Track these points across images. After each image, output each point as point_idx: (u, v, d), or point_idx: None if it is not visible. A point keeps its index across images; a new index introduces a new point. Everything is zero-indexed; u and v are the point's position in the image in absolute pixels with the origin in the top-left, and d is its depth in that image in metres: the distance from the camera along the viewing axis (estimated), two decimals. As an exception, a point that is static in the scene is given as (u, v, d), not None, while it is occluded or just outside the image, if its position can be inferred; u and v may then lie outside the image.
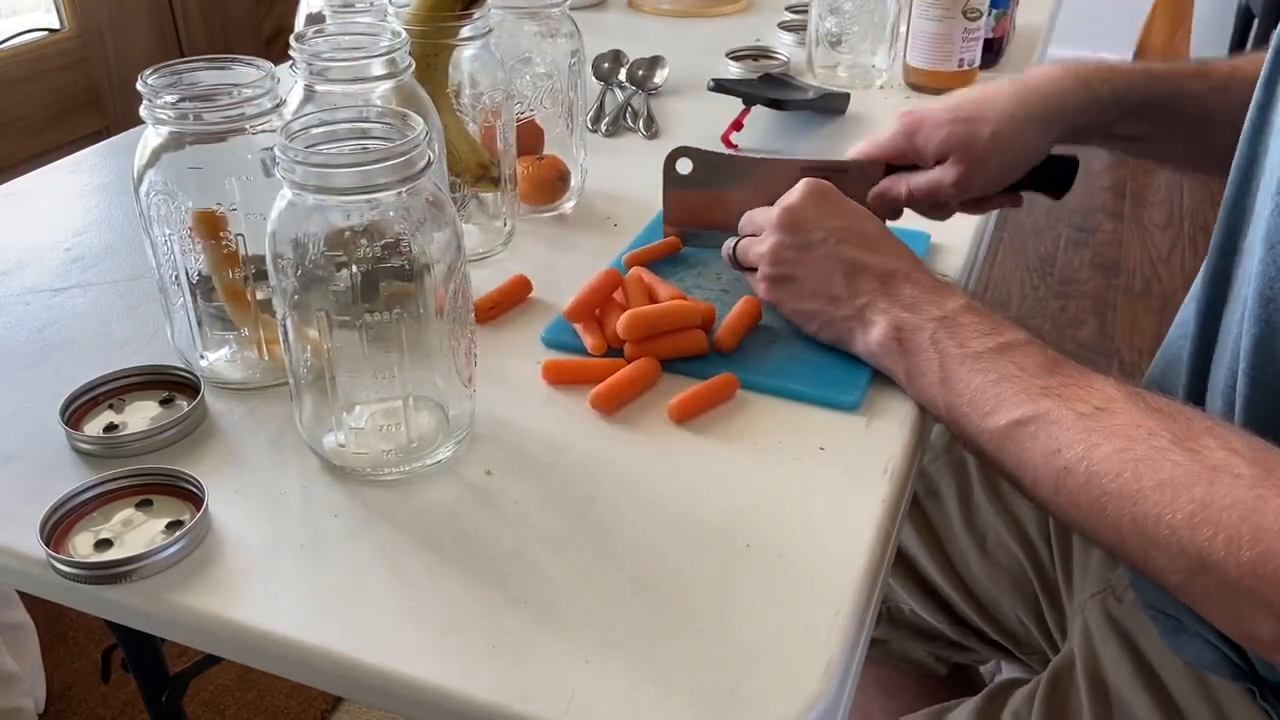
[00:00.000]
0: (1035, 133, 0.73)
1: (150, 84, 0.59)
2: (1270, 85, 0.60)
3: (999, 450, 0.56)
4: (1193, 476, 0.48)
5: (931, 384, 0.59)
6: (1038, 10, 1.40)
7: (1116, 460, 0.50)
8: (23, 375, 0.68)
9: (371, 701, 0.49)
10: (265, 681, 1.41)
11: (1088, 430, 0.52)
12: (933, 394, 0.60)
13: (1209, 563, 0.46)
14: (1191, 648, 0.66)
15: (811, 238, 0.66)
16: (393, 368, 0.56)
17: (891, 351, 0.62)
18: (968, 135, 0.72)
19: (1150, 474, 0.49)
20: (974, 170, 0.72)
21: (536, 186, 0.86)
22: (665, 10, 1.45)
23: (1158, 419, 0.51)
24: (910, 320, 0.61)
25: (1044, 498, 0.54)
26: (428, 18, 0.73)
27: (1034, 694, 0.73)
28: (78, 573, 0.52)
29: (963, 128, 0.72)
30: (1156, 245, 2.65)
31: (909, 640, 0.94)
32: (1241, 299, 0.59)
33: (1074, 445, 0.52)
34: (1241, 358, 0.57)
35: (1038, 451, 0.54)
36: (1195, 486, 0.47)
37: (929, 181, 0.73)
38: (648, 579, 0.52)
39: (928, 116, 0.73)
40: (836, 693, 0.47)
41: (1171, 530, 0.48)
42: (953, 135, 0.72)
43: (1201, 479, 0.48)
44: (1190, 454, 0.49)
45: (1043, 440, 0.53)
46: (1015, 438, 0.55)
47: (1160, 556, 0.49)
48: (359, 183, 0.51)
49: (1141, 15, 3.26)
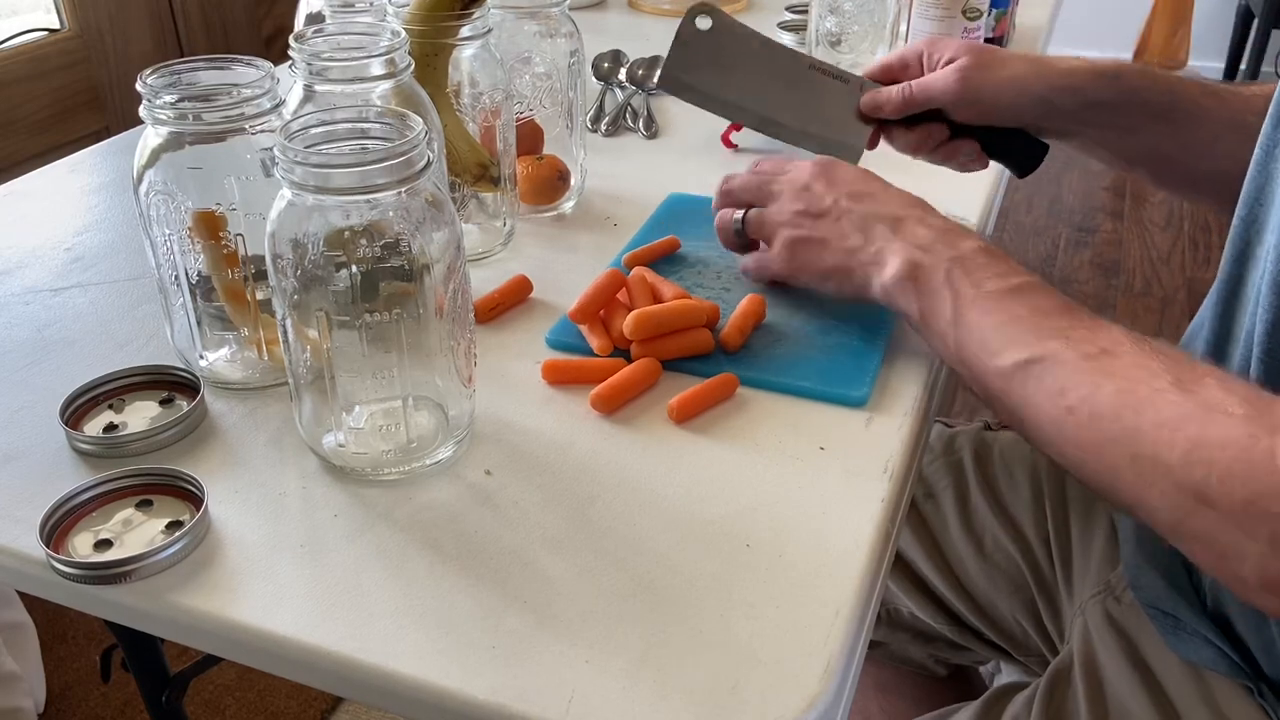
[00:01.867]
0: (1038, 76, 0.75)
1: (150, 84, 0.59)
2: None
3: (1005, 391, 0.56)
4: (1189, 416, 0.48)
5: (944, 323, 0.60)
6: (1038, 10, 1.40)
7: (1118, 401, 0.51)
8: (23, 375, 0.68)
9: (371, 701, 0.49)
10: (265, 681, 1.41)
11: (1092, 371, 0.53)
12: (944, 333, 0.60)
13: (1202, 500, 0.47)
14: (1190, 645, 0.66)
15: (824, 204, 0.68)
16: (392, 368, 0.56)
17: (907, 290, 0.62)
18: (987, 50, 0.76)
19: (1150, 414, 0.49)
20: (978, 71, 0.74)
21: (536, 186, 0.86)
22: (665, 10, 1.45)
23: (1162, 361, 0.51)
24: (925, 259, 0.62)
25: (1046, 438, 0.55)
26: (427, 17, 0.73)
27: (1033, 698, 0.73)
28: (78, 573, 0.52)
29: (980, 47, 0.76)
30: (1156, 245, 2.65)
31: (908, 642, 0.94)
32: (1255, 290, 0.59)
33: (1078, 386, 0.53)
34: (1256, 343, 0.57)
35: (1042, 392, 0.54)
36: (1191, 425, 0.48)
37: (927, 81, 0.76)
38: (648, 579, 0.52)
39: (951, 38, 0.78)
40: (836, 693, 0.47)
41: (1167, 470, 0.48)
42: (969, 45, 0.76)
43: (1196, 418, 0.48)
44: (1188, 394, 0.49)
45: (1048, 381, 0.54)
46: (1021, 377, 0.55)
47: (1155, 497, 0.49)
48: (358, 183, 0.51)
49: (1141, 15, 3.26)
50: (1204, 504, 0.47)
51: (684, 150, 1.02)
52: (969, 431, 0.92)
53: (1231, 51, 3.34)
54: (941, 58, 0.77)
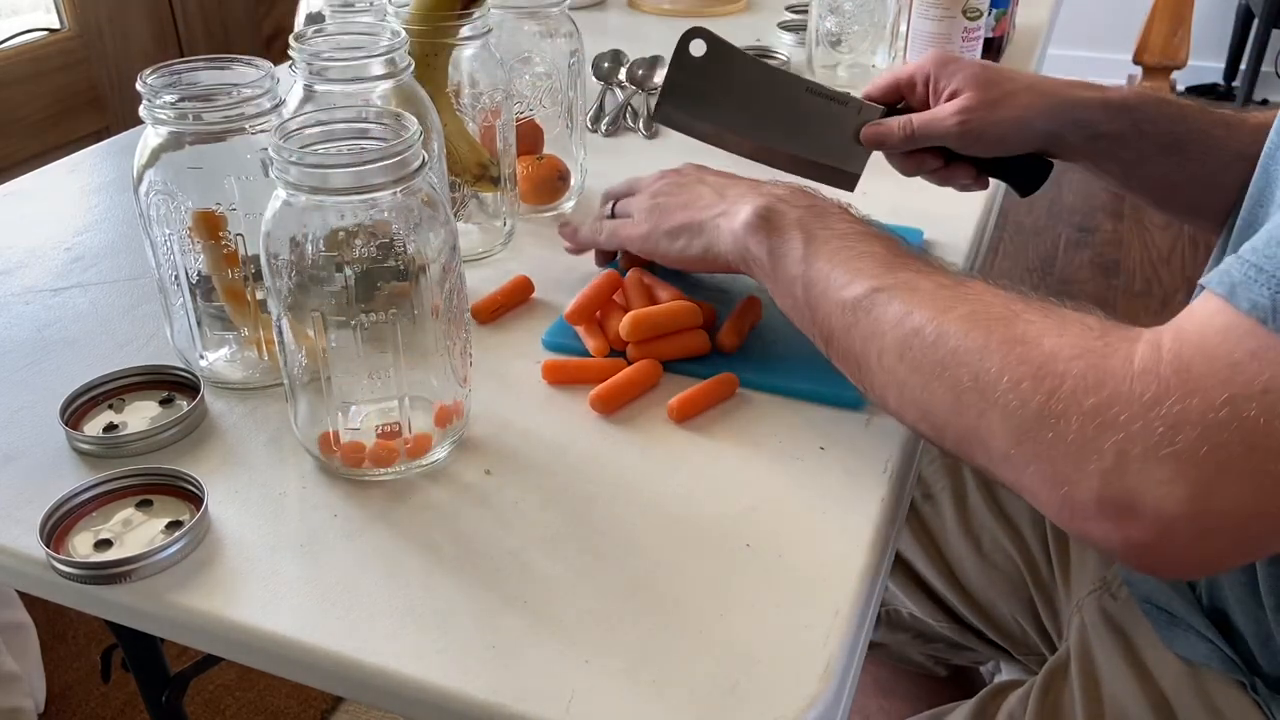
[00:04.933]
0: (1045, 110, 0.73)
1: (150, 84, 0.59)
2: None
3: (850, 324, 0.55)
4: (1044, 331, 0.47)
5: (794, 261, 0.59)
6: (1038, 10, 1.40)
7: (968, 320, 0.50)
8: (23, 375, 0.68)
9: (371, 701, 0.49)
10: (265, 681, 1.41)
11: (945, 296, 0.52)
12: (793, 272, 0.59)
13: (1049, 414, 0.45)
14: (1185, 641, 0.66)
15: (685, 178, 0.71)
16: (388, 368, 0.56)
17: (758, 232, 0.62)
18: (994, 80, 0.73)
19: (1002, 331, 0.48)
20: (982, 111, 0.72)
21: (536, 186, 0.86)
22: (665, 10, 1.45)
23: (1018, 292, 0.51)
24: (778, 205, 0.62)
25: (886, 369, 0.53)
26: (427, 17, 0.73)
27: (1028, 695, 0.73)
28: (78, 573, 0.52)
29: (993, 73, 0.74)
30: (1156, 245, 2.65)
31: (908, 642, 0.94)
32: None
33: (927, 307, 0.52)
34: None
35: (889, 317, 0.53)
36: (1046, 339, 0.47)
37: (931, 114, 0.74)
38: (647, 579, 0.52)
39: (962, 57, 0.75)
40: (836, 693, 0.47)
41: (1014, 384, 0.46)
42: (982, 73, 0.73)
43: (1052, 331, 0.47)
44: (1044, 313, 0.48)
45: (896, 305, 0.53)
46: (868, 306, 0.54)
47: (996, 417, 0.47)
48: (354, 183, 0.51)
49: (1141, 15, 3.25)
50: (1048, 418, 0.45)
51: (684, 150, 1.01)
52: (968, 432, 0.92)
53: (1231, 51, 3.34)
54: (947, 87, 0.74)
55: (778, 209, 0.62)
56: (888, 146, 0.77)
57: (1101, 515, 0.44)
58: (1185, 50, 3.24)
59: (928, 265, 0.56)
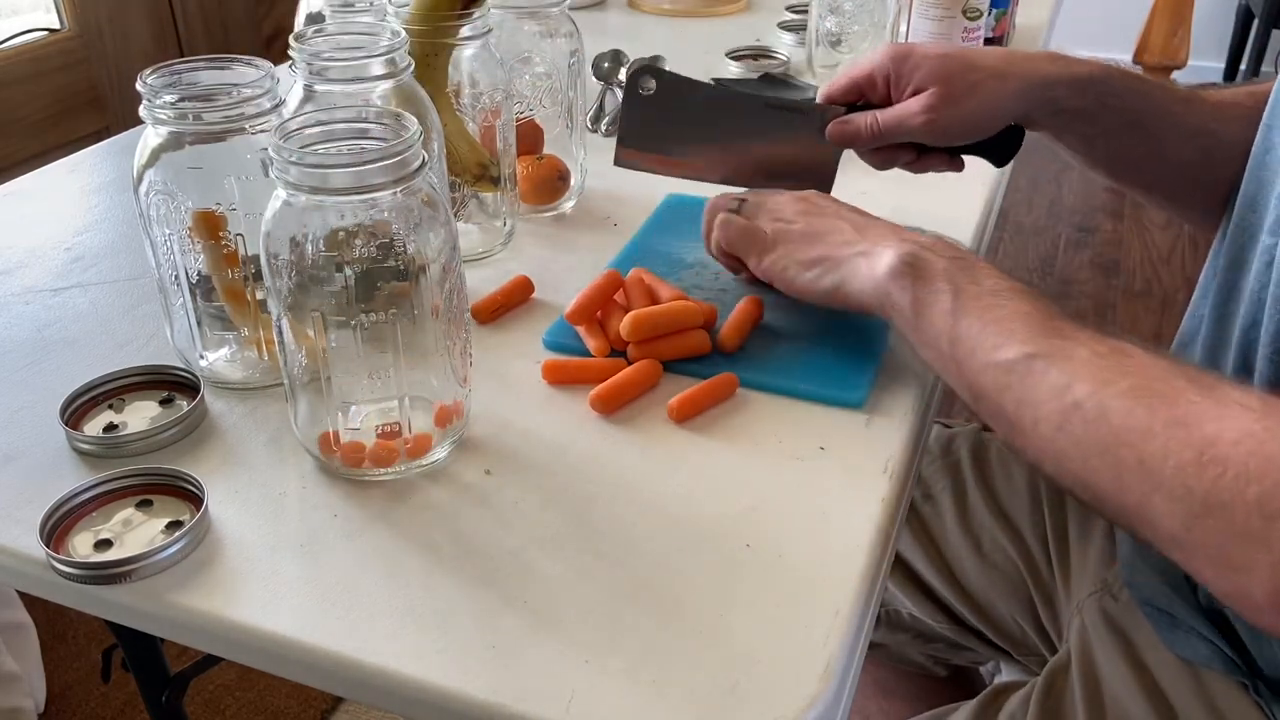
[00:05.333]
0: (1010, 90, 0.72)
1: (150, 84, 0.59)
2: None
3: (1002, 386, 0.54)
4: (1205, 413, 0.46)
5: (941, 314, 0.57)
6: (1038, 10, 1.40)
7: (1131, 398, 0.48)
8: (23, 375, 0.68)
9: (371, 701, 0.49)
10: (265, 681, 1.41)
11: (1104, 367, 0.50)
12: (939, 325, 0.57)
13: (1214, 504, 0.44)
14: (1186, 643, 0.66)
15: (824, 205, 0.68)
16: (388, 368, 0.56)
17: (903, 277, 0.59)
18: (957, 72, 0.71)
19: (1165, 411, 0.47)
20: (948, 107, 0.71)
21: (536, 186, 0.86)
22: (665, 10, 1.45)
23: (1174, 363, 0.49)
24: (924, 254, 0.60)
25: (1043, 438, 0.52)
26: (427, 17, 0.73)
27: (1029, 696, 0.73)
28: (78, 573, 0.52)
29: (955, 64, 0.71)
30: (1156, 245, 2.65)
31: (908, 643, 0.94)
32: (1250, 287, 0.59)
33: (1088, 380, 0.50)
34: (1263, 343, 0.57)
35: (1046, 387, 0.51)
36: (1207, 423, 0.45)
37: (897, 112, 0.73)
38: (647, 579, 0.52)
39: (918, 48, 0.73)
40: (836, 693, 0.47)
41: (1178, 469, 0.45)
42: (939, 68, 0.71)
43: (1213, 414, 0.46)
44: (1205, 392, 0.47)
45: (1054, 375, 0.51)
46: (1022, 372, 0.53)
47: (1162, 500, 0.46)
48: (353, 183, 0.51)
49: (1141, 15, 3.25)
50: (1214, 508, 0.44)
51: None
52: (967, 432, 0.92)
53: (1231, 51, 3.34)
54: (909, 83, 0.72)
55: (924, 257, 0.60)
56: (857, 144, 0.76)
57: (1275, 609, 0.43)
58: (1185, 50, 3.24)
59: (1080, 329, 0.53)
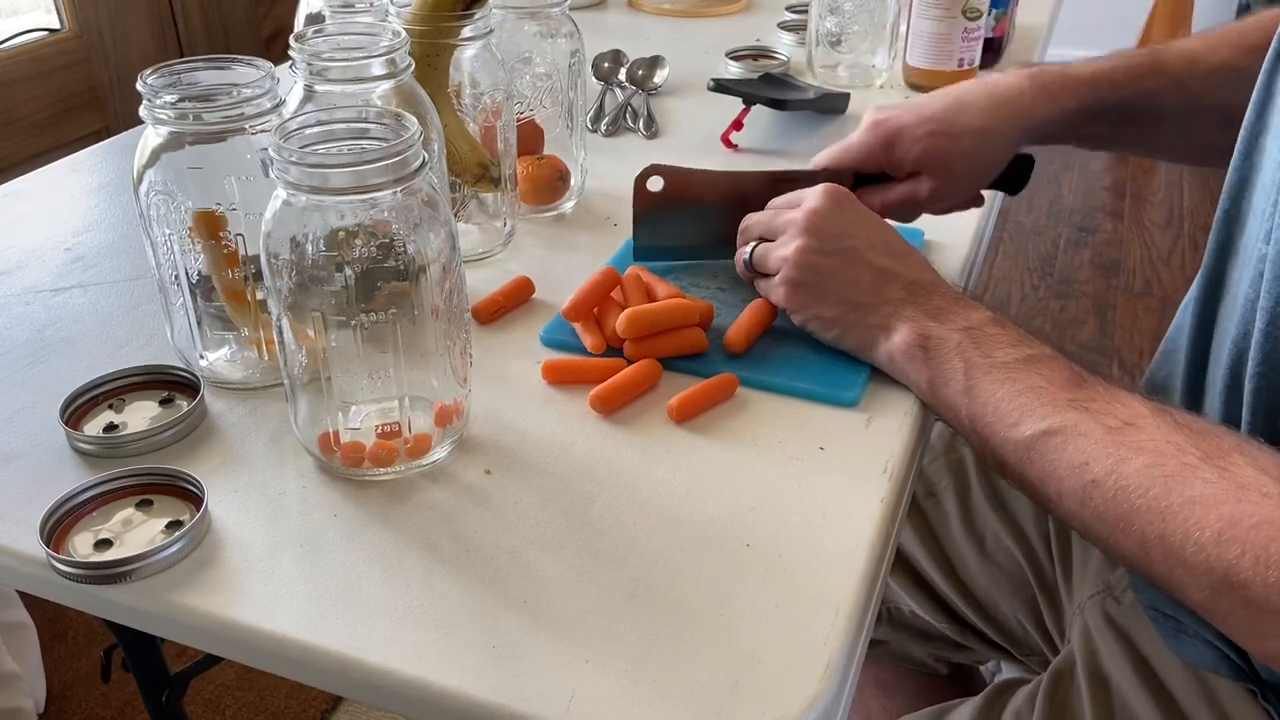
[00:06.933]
0: (1005, 145, 0.75)
1: (150, 84, 0.59)
2: (1268, 86, 0.60)
3: (1024, 462, 0.56)
4: (1222, 494, 0.47)
5: (955, 393, 0.59)
6: (1038, 10, 1.40)
7: (1146, 476, 0.50)
8: (23, 375, 0.68)
9: (371, 701, 0.49)
10: (265, 681, 1.41)
11: (1116, 445, 0.52)
12: (956, 403, 0.59)
13: (1235, 582, 0.46)
14: (1192, 649, 0.66)
15: (842, 244, 0.66)
16: (388, 368, 0.56)
17: (916, 358, 0.61)
18: (945, 151, 0.73)
19: (1179, 490, 0.49)
20: (948, 184, 0.75)
21: (536, 186, 0.86)
22: (665, 10, 1.45)
23: (1186, 435, 0.51)
24: (936, 328, 0.61)
25: (1069, 510, 0.54)
26: (428, 18, 0.73)
27: (1035, 693, 0.73)
28: (78, 573, 0.52)
29: (941, 142, 0.73)
30: (1156, 245, 2.65)
31: (909, 641, 0.94)
32: (1239, 297, 0.59)
33: (1103, 459, 0.52)
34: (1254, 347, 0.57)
35: (1064, 464, 0.53)
36: (1224, 504, 0.47)
37: (902, 195, 0.75)
38: (647, 579, 0.52)
39: (905, 128, 0.74)
40: (836, 692, 0.47)
41: (1199, 548, 0.47)
42: (931, 149, 0.73)
43: (1230, 497, 0.47)
44: (1219, 471, 0.48)
45: (1070, 453, 0.53)
46: (1041, 449, 0.54)
47: (1185, 574, 0.48)
48: (354, 183, 0.51)
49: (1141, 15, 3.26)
50: (1235, 586, 0.46)
51: (684, 150, 1.02)
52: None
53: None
54: (904, 166, 0.74)
55: (936, 335, 0.61)
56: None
57: None
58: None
59: (1092, 399, 0.54)
